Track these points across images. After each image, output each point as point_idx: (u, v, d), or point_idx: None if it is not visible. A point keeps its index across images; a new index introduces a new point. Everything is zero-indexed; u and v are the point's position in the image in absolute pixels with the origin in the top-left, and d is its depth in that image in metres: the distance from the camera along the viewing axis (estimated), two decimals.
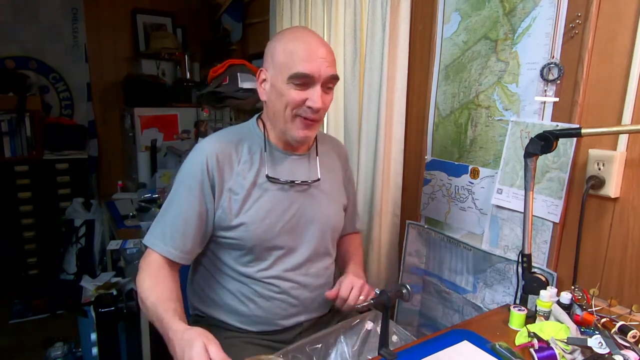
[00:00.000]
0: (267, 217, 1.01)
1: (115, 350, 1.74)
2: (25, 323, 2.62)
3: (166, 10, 3.51)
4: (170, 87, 3.21)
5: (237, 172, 1.02)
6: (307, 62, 0.94)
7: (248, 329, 1.07)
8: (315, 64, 0.95)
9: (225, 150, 1.02)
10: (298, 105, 0.97)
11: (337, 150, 1.23)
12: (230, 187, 1.00)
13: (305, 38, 0.98)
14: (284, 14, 2.20)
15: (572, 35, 1.04)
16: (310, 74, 0.95)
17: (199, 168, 0.98)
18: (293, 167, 1.07)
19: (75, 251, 2.97)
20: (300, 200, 1.07)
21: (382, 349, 0.86)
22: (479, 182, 1.33)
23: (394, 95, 1.54)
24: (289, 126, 1.00)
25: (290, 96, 0.96)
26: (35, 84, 3.04)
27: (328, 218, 1.11)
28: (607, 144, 0.99)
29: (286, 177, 1.05)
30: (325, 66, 0.96)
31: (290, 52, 0.96)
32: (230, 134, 1.08)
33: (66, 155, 3.07)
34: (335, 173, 1.18)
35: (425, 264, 1.55)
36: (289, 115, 0.98)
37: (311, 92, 0.96)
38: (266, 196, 1.02)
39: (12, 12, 3.00)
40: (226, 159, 1.01)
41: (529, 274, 1.01)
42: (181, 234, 0.98)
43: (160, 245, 0.98)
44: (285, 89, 0.97)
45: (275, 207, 1.03)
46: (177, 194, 1.01)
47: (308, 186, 1.08)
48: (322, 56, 0.96)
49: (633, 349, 0.78)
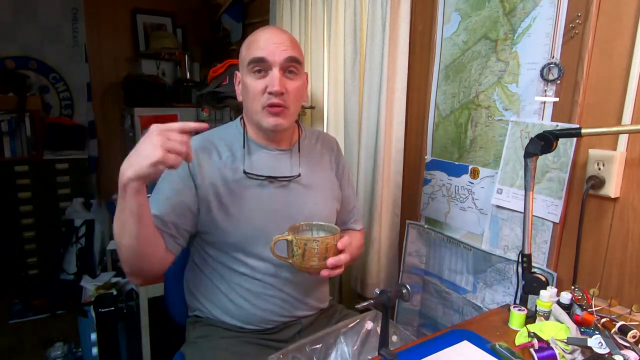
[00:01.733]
0: (250, 213, 1.02)
1: (115, 350, 1.74)
2: (25, 323, 2.62)
3: (166, 10, 3.51)
4: (170, 87, 3.21)
5: (217, 168, 1.02)
6: (262, 48, 0.97)
7: (247, 328, 1.07)
8: (269, 49, 0.97)
9: (206, 148, 1.04)
10: (260, 92, 0.98)
11: (326, 145, 1.22)
12: (211, 182, 1.01)
13: (264, 30, 1.02)
14: (284, 14, 2.20)
15: (572, 35, 1.04)
16: (265, 57, 0.97)
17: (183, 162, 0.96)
18: (274, 163, 1.07)
19: (75, 251, 2.97)
20: (284, 196, 1.06)
21: (382, 349, 0.86)
22: (479, 182, 1.33)
23: (394, 95, 1.54)
24: (259, 117, 1.01)
25: (252, 87, 0.99)
26: (35, 84, 3.04)
27: (314, 213, 1.09)
28: (607, 144, 0.99)
29: (266, 172, 1.05)
30: (280, 50, 0.97)
31: (249, 44, 1.00)
32: (213, 132, 1.09)
33: (66, 155, 3.07)
34: (323, 167, 1.17)
35: (425, 264, 1.55)
36: (257, 107, 1.00)
37: (270, 78, 0.97)
38: (248, 192, 1.03)
39: (12, 12, 3.00)
40: (206, 155, 1.03)
41: (529, 274, 1.01)
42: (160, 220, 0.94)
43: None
44: (248, 80, 0.99)
45: (258, 202, 1.03)
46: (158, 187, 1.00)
47: (288, 182, 1.07)
48: (277, 42, 0.98)
49: (633, 349, 0.78)
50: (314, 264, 0.86)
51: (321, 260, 0.86)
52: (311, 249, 0.85)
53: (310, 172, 1.12)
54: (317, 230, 0.98)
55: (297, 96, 1.02)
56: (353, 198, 1.29)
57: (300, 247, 0.85)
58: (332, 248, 0.88)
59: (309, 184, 1.10)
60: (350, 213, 1.28)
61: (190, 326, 1.15)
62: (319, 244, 0.85)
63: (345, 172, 1.25)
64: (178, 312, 1.27)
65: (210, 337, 1.07)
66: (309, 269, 0.88)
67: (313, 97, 2.13)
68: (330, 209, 1.16)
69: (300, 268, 0.88)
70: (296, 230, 0.95)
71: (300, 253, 0.85)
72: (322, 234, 0.97)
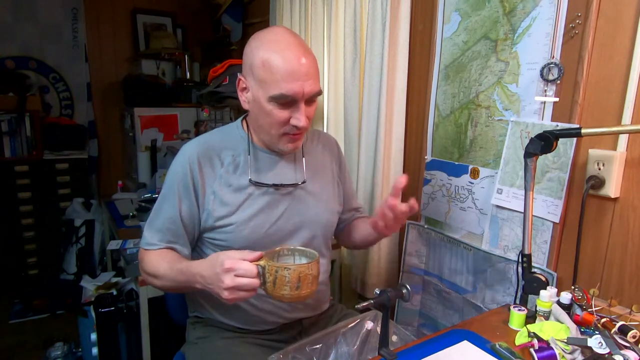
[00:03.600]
0: (253, 219, 1.01)
1: (115, 350, 1.74)
2: (25, 323, 2.62)
3: (166, 10, 3.51)
4: (170, 87, 3.21)
5: (220, 175, 1.01)
6: (289, 83, 0.90)
7: (247, 329, 1.07)
8: (297, 84, 0.90)
9: (207, 153, 1.02)
10: (283, 124, 0.95)
11: (327, 145, 1.21)
12: (214, 190, 1.00)
13: (284, 51, 0.91)
14: (284, 14, 2.20)
15: (572, 35, 1.04)
16: (293, 95, 0.91)
17: (182, 172, 1.00)
18: (279, 169, 1.06)
19: (75, 251, 2.97)
20: (287, 202, 1.05)
21: (382, 349, 0.86)
22: (479, 182, 1.32)
23: (394, 95, 1.54)
24: (276, 141, 0.99)
25: (275, 117, 0.94)
26: (35, 84, 3.03)
27: (317, 219, 1.10)
28: (607, 144, 0.99)
29: (271, 180, 1.04)
30: (308, 85, 0.92)
31: (270, 67, 0.90)
32: (213, 136, 1.07)
33: (66, 155, 3.07)
34: (325, 170, 1.16)
35: (425, 264, 1.55)
36: (275, 134, 0.98)
37: (294, 110, 0.94)
38: (252, 199, 1.02)
39: (12, 12, 3.00)
40: (208, 162, 1.01)
41: (529, 274, 1.01)
42: (173, 234, 1.01)
43: (158, 245, 1.01)
44: (268, 108, 0.94)
45: (261, 209, 1.02)
46: (164, 199, 1.03)
47: (294, 188, 1.06)
48: (304, 73, 0.91)
49: (633, 349, 0.78)
50: (285, 293, 0.80)
51: (293, 290, 0.80)
52: (282, 277, 0.79)
53: (314, 176, 1.11)
54: (300, 256, 0.93)
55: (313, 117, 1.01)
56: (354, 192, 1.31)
57: (271, 274, 0.80)
58: (306, 277, 0.81)
59: (313, 189, 1.10)
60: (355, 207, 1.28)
61: (191, 326, 1.15)
62: (290, 273, 0.79)
63: (346, 170, 1.26)
64: (178, 312, 1.27)
65: (211, 338, 1.07)
66: (281, 298, 0.82)
67: None
68: (332, 212, 1.16)
69: (272, 296, 0.83)
70: (275, 255, 0.91)
71: (272, 280, 0.80)
72: (304, 260, 0.92)
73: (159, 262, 0.98)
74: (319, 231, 1.11)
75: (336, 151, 1.23)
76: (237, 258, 0.81)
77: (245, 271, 0.79)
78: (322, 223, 1.12)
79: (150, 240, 1.02)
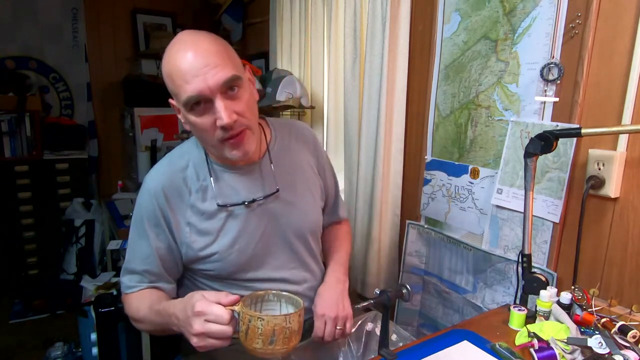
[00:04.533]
0: (236, 244, 0.94)
1: (115, 350, 1.74)
2: (25, 323, 2.62)
3: (166, 10, 3.51)
4: None
5: (191, 204, 0.93)
6: (189, 83, 0.80)
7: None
8: (196, 81, 0.79)
9: (172, 184, 0.93)
10: (212, 130, 0.84)
11: (301, 136, 1.09)
12: (188, 221, 0.93)
13: (178, 52, 0.82)
14: (284, 14, 2.20)
15: (572, 35, 1.04)
16: (199, 93, 0.80)
17: (149, 207, 0.93)
18: (246, 183, 0.96)
19: (75, 251, 2.97)
20: (267, 216, 0.97)
21: (382, 349, 0.86)
22: (479, 182, 1.32)
23: (394, 95, 1.54)
24: (221, 151, 0.89)
25: (200, 126, 0.84)
26: (35, 84, 3.03)
27: (301, 224, 1.02)
28: (607, 144, 0.99)
29: (240, 198, 0.95)
30: (211, 75, 0.80)
31: (171, 77, 0.83)
32: (175, 160, 0.97)
33: (66, 155, 3.07)
34: (302, 167, 1.06)
35: (425, 264, 1.55)
36: (214, 143, 0.87)
37: (213, 110, 0.82)
38: (229, 223, 0.94)
39: (12, 12, 3.00)
40: (175, 192, 0.93)
41: (529, 274, 1.01)
42: (152, 273, 0.95)
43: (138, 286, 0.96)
44: (192, 119, 0.85)
45: (242, 230, 0.95)
46: (136, 239, 0.95)
47: (266, 200, 0.97)
48: (203, 64, 0.79)
49: (633, 349, 0.78)
50: (257, 346, 0.71)
51: (266, 344, 0.71)
52: (254, 327, 0.70)
53: (289, 179, 1.02)
54: (286, 303, 0.85)
55: (250, 107, 0.88)
56: (335, 188, 1.19)
57: (244, 322, 0.71)
58: (282, 331, 0.71)
59: (289, 196, 1.01)
60: (335, 209, 1.20)
61: None
62: (263, 324, 0.70)
63: (327, 163, 1.15)
64: None
65: None
66: (253, 352, 0.73)
67: (313, 97, 2.13)
68: (317, 214, 1.09)
69: (245, 347, 0.74)
70: (258, 299, 0.83)
71: (244, 330, 0.72)
72: (291, 308, 0.83)
73: (139, 305, 0.92)
74: (307, 234, 1.05)
75: (312, 142, 1.11)
76: (210, 300, 0.73)
77: (216, 317, 0.71)
78: (308, 226, 1.04)
79: (129, 283, 0.96)
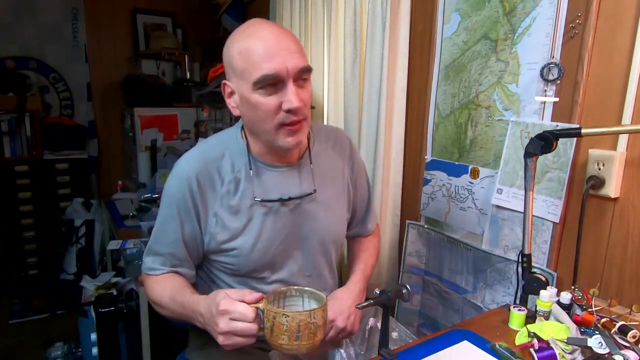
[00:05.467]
0: (260, 242, 0.95)
1: (115, 350, 1.74)
2: (25, 323, 2.62)
3: (166, 10, 3.51)
4: (170, 87, 3.21)
5: (221, 196, 0.93)
6: (269, 61, 0.81)
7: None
8: (277, 60, 0.81)
9: (206, 171, 0.93)
10: (274, 111, 0.84)
11: (338, 145, 1.09)
12: (215, 212, 0.93)
13: (259, 32, 0.84)
14: (284, 14, 2.20)
15: (572, 35, 1.04)
16: (276, 73, 0.81)
17: (181, 193, 0.92)
18: (283, 181, 0.97)
19: (75, 251, 2.97)
20: (295, 217, 0.98)
21: (382, 349, 0.86)
22: (479, 182, 1.33)
23: (394, 95, 1.54)
24: (274, 137, 0.88)
25: (263, 107, 0.84)
26: (35, 84, 3.04)
27: (327, 232, 1.03)
28: (607, 144, 0.99)
29: (276, 195, 0.95)
30: (291, 59, 0.82)
31: (247, 53, 0.83)
32: (211, 148, 0.97)
33: (66, 155, 3.08)
34: (336, 176, 1.07)
35: (425, 264, 1.55)
36: (270, 128, 0.86)
37: (283, 93, 0.83)
38: (257, 219, 0.94)
39: (12, 12, 3.00)
40: (207, 181, 0.93)
41: (529, 274, 1.01)
42: (176, 258, 0.96)
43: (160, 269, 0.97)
44: (254, 99, 0.84)
45: (268, 229, 0.95)
46: (164, 221, 0.96)
47: (301, 200, 0.97)
48: (285, 47, 0.82)
49: (633, 349, 0.78)
50: (283, 342, 0.72)
51: (292, 340, 0.72)
52: (279, 324, 0.72)
53: (325, 184, 1.01)
54: (309, 298, 0.84)
55: (309, 103, 0.90)
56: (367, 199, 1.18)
57: (269, 319, 0.73)
58: (307, 327, 0.72)
59: (324, 198, 1.01)
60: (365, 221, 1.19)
61: (194, 331, 1.11)
62: (289, 320, 0.71)
63: (362, 172, 1.15)
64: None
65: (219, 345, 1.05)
66: (279, 348, 0.74)
67: (313, 97, 2.13)
68: (342, 224, 1.09)
69: (270, 344, 0.75)
70: (280, 296, 0.83)
71: (269, 327, 0.73)
72: (314, 304, 0.83)
73: (162, 291, 0.94)
74: (330, 243, 1.04)
75: (348, 150, 1.11)
76: (234, 299, 0.74)
77: (240, 314, 0.73)
78: (333, 235, 1.04)
79: (151, 265, 0.97)
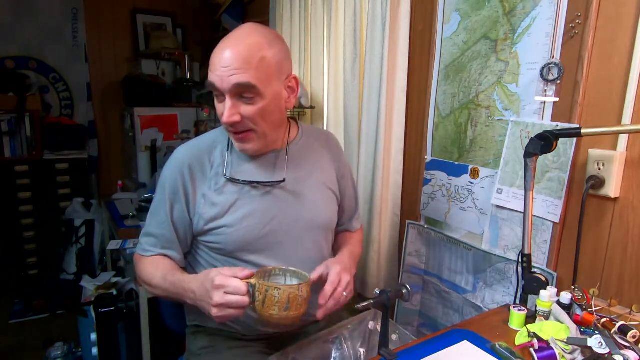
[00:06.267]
0: (245, 221, 0.99)
1: (115, 350, 1.74)
2: (25, 323, 2.62)
3: (166, 10, 3.51)
4: (170, 87, 3.21)
5: (210, 178, 1.00)
6: (212, 72, 0.90)
7: (253, 335, 1.05)
8: (216, 74, 0.89)
9: (199, 159, 1.01)
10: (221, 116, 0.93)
11: (326, 145, 1.16)
12: (204, 193, 1.00)
13: (223, 41, 0.91)
14: (284, 14, 2.20)
15: (572, 35, 1.04)
16: (214, 85, 0.90)
17: (172, 177, 1.00)
18: (258, 166, 1.03)
19: (75, 251, 2.97)
20: (278, 202, 1.02)
21: (382, 349, 0.86)
22: (479, 182, 1.33)
23: (394, 95, 1.54)
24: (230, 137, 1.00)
25: (217, 109, 0.95)
26: (35, 84, 3.04)
27: (314, 217, 1.07)
28: (607, 144, 0.99)
29: (248, 177, 1.01)
30: (227, 75, 0.87)
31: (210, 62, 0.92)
32: (204, 138, 1.07)
33: (66, 155, 3.07)
34: (321, 169, 1.11)
35: (425, 264, 1.55)
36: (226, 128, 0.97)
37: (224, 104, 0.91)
38: (241, 201, 1.00)
39: (12, 12, 3.00)
40: (198, 166, 1.01)
41: (529, 274, 1.01)
42: (166, 239, 1.02)
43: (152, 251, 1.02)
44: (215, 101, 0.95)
45: (253, 210, 1.00)
46: (156, 205, 1.03)
47: (272, 188, 1.02)
48: (225, 64, 0.87)
49: (633, 349, 0.78)
50: (274, 313, 0.82)
51: (282, 311, 0.82)
52: (272, 296, 0.81)
53: (301, 176, 1.06)
54: (291, 277, 0.94)
55: (263, 115, 0.93)
56: (355, 199, 1.25)
57: (261, 292, 0.81)
58: (295, 299, 0.82)
59: (296, 189, 1.05)
60: (350, 218, 1.24)
61: (191, 337, 1.12)
62: (280, 293, 0.81)
63: (348, 172, 1.21)
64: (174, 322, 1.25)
65: (216, 349, 1.05)
66: (269, 318, 0.83)
67: (313, 97, 2.13)
68: (331, 212, 1.13)
69: (260, 315, 0.84)
70: (266, 274, 0.92)
71: (261, 300, 0.81)
72: (295, 281, 0.92)
73: (153, 271, 0.99)
74: (318, 229, 1.08)
75: (334, 149, 1.18)
76: (228, 275, 0.81)
77: (234, 288, 0.79)
78: (320, 221, 1.08)
79: (144, 246, 1.03)
